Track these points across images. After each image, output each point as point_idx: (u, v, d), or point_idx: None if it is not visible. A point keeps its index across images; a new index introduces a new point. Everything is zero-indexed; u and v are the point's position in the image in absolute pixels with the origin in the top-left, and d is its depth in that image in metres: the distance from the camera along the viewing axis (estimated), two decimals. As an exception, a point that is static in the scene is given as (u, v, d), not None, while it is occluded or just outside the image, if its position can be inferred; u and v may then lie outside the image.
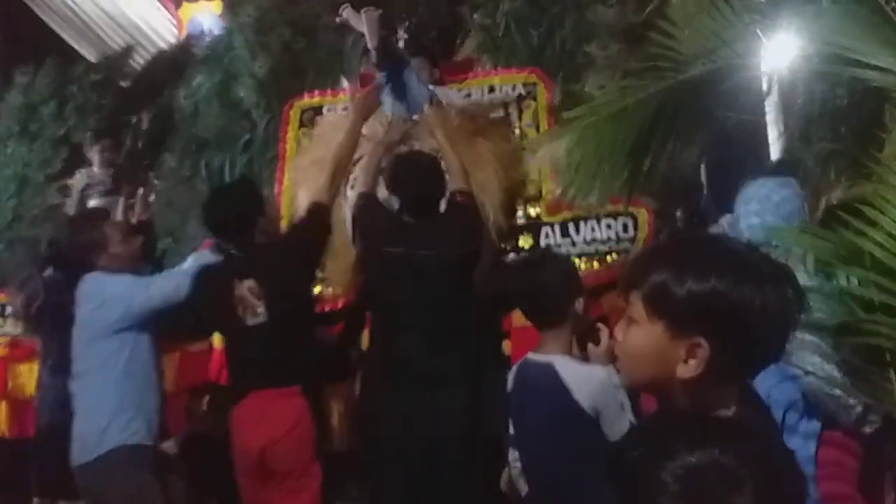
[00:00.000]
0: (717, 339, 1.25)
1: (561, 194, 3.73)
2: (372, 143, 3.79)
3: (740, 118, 3.08)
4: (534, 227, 3.85)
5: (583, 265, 3.63)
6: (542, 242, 3.79)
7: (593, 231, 3.73)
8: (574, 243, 3.74)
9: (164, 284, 3.41)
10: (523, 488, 2.63)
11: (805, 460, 2.35)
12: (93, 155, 5.03)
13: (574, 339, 2.59)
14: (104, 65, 5.83)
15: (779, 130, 3.31)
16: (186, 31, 8.84)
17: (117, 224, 3.87)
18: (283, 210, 4.42)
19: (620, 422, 2.37)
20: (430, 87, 4.05)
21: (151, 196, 4.98)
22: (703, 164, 4.32)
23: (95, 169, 5.01)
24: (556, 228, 3.80)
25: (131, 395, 3.36)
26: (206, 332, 3.79)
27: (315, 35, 4.79)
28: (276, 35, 4.76)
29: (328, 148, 4.04)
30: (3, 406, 4.92)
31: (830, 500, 2.32)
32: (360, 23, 3.89)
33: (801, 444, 2.38)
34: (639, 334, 1.31)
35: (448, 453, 3.20)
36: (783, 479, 1.07)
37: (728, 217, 3.25)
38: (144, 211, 4.43)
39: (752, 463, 1.01)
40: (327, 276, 3.98)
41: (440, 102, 3.98)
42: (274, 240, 3.43)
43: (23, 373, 4.92)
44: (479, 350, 3.36)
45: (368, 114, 3.81)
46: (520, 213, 3.90)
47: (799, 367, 2.14)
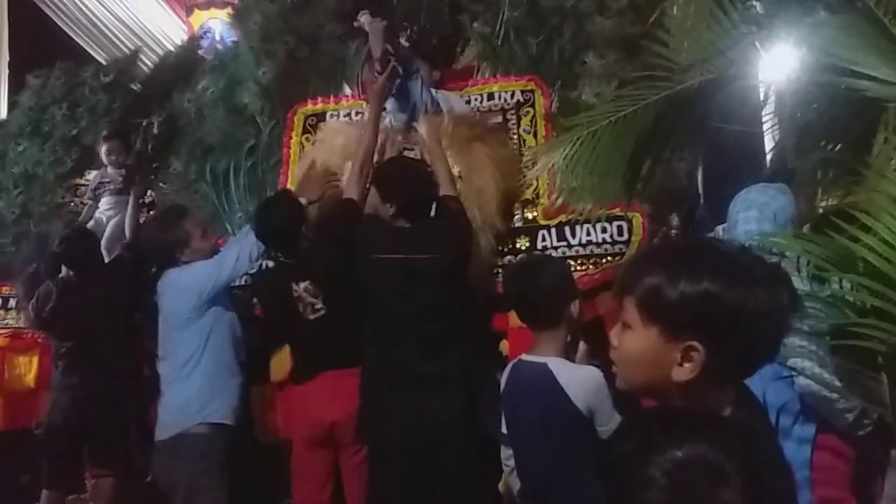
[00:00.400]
0: (712, 342, 1.26)
1: (559, 200, 3.77)
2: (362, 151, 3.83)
3: (737, 128, 3.10)
4: (531, 229, 3.87)
5: (578, 267, 3.66)
6: (539, 244, 3.81)
7: (588, 234, 3.75)
8: (570, 246, 3.77)
9: (229, 260, 3.76)
10: (516, 486, 2.65)
11: (800, 464, 2.37)
12: (102, 155, 5.08)
13: (568, 341, 2.63)
14: (114, 67, 5.86)
15: (775, 140, 3.33)
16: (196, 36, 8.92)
17: (197, 221, 4.15)
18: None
19: (613, 422, 2.39)
20: (434, 93, 4.08)
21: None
22: (699, 174, 4.35)
23: (110, 170, 5.06)
24: (553, 231, 3.82)
25: (213, 376, 3.66)
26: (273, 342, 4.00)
27: (318, 43, 4.83)
28: (281, 43, 4.78)
29: (331, 152, 4.09)
30: (2, 397, 4.90)
31: (825, 505, 2.34)
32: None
33: (796, 448, 2.40)
34: (634, 339, 1.32)
35: (445, 456, 3.20)
36: (771, 476, 1.08)
37: (724, 226, 3.27)
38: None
39: (740, 458, 1.01)
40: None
41: (438, 110, 4.01)
42: (317, 239, 3.64)
43: (21, 364, 4.94)
44: (474, 352, 3.38)
45: (385, 100, 3.98)
46: (517, 216, 3.92)
47: (793, 370, 2.16)
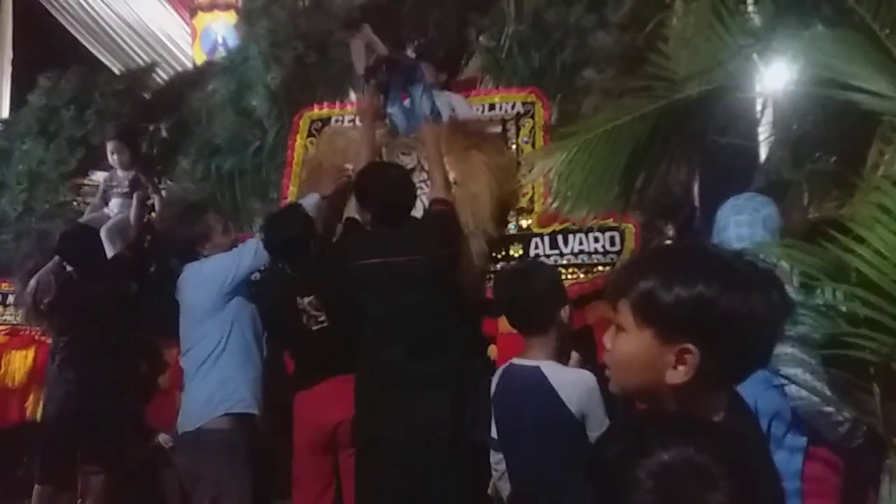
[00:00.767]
0: (706, 345, 1.25)
1: (553, 208, 3.78)
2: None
3: (734, 141, 3.12)
4: (524, 237, 3.88)
5: (569, 276, 3.66)
6: (532, 253, 3.82)
7: (581, 244, 3.77)
8: (562, 254, 3.78)
9: (248, 252, 3.82)
10: (505, 490, 2.65)
11: (791, 474, 2.38)
12: (108, 155, 5.10)
13: (558, 347, 2.63)
14: (127, 76, 5.98)
15: (771, 151, 3.35)
16: (200, 39, 8.94)
17: (218, 217, 4.25)
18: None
19: (604, 427, 2.39)
20: (437, 96, 4.09)
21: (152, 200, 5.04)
22: (695, 185, 4.36)
23: (119, 173, 5.08)
24: (546, 239, 3.83)
25: (237, 367, 3.70)
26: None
27: (326, 49, 4.91)
28: (290, 48, 4.91)
29: (332, 153, 4.14)
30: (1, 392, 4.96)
31: (815, 515, 2.34)
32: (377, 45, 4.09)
33: (788, 457, 2.40)
34: (628, 342, 1.32)
35: (434, 457, 3.21)
36: (760, 481, 1.07)
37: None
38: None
39: (728, 462, 1.01)
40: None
41: (438, 118, 4.03)
42: (322, 255, 3.68)
43: (16, 360, 4.97)
44: (464, 354, 3.39)
45: (375, 118, 4.04)
46: (511, 224, 3.93)
47: (785, 379, 2.17)
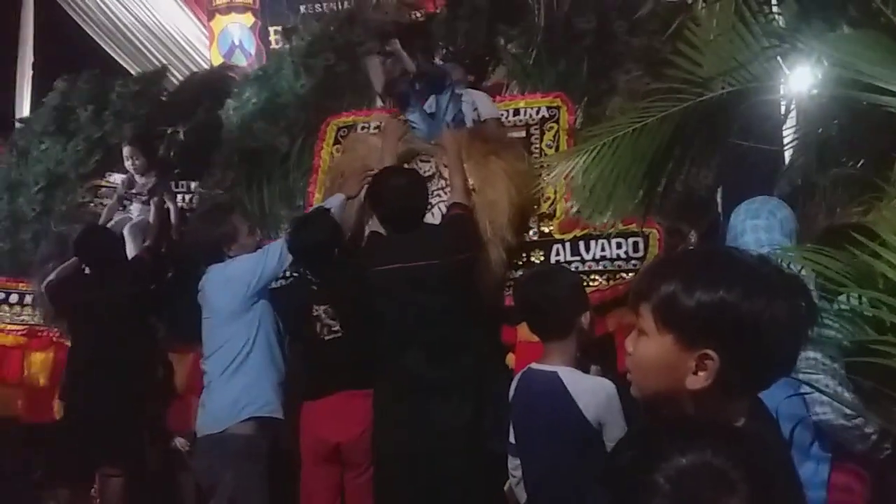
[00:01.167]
0: (727, 351, 1.24)
1: (575, 212, 3.75)
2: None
3: (758, 144, 3.08)
4: (545, 243, 3.84)
5: (591, 283, 3.62)
6: (553, 259, 3.78)
7: (603, 250, 3.72)
8: (584, 260, 3.73)
9: (273, 254, 3.80)
10: (522, 496, 2.63)
11: (818, 485, 2.34)
12: (128, 155, 5.12)
13: (578, 352, 2.61)
14: (144, 78, 6.04)
15: (795, 155, 3.31)
16: (217, 42, 9.01)
17: (244, 218, 4.28)
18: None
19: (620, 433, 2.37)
20: (463, 100, 4.09)
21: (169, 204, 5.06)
22: (719, 190, 4.32)
23: (138, 178, 5.10)
24: (567, 246, 3.79)
25: (263, 370, 3.69)
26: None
27: (356, 59, 4.99)
28: (322, 59, 5.02)
29: (353, 160, 4.15)
30: (21, 393, 5.03)
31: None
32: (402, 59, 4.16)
33: (814, 468, 2.36)
34: (649, 346, 1.31)
35: (450, 463, 3.20)
36: (779, 486, 1.06)
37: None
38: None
39: (746, 467, 1.00)
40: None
41: (461, 125, 4.01)
42: (344, 263, 3.68)
43: (37, 362, 5.02)
44: (481, 361, 3.38)
45: (396, 136, 4.00)
46: (532, 230, 3.90)
47: (809, 386, 2.13)
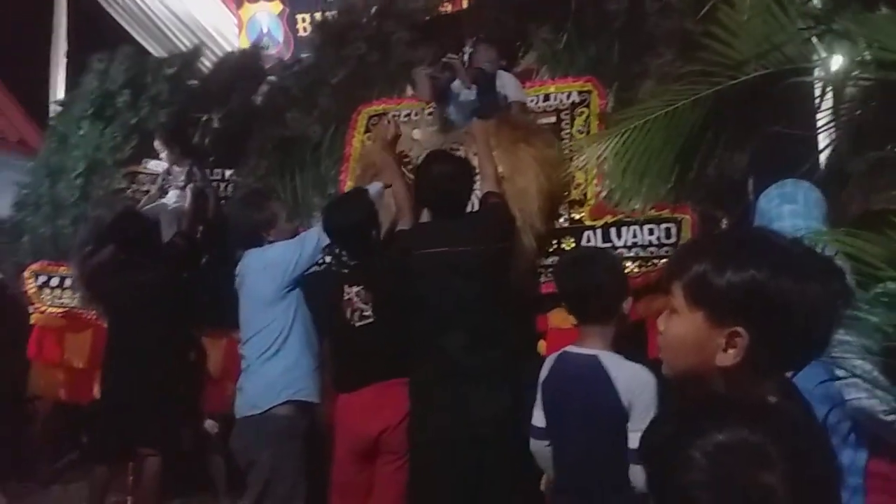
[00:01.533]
0: (756, 330, 1.26)
1: (607, 197, 3.73)
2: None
3: (791, 130, 3.04)
4: (577, 230, 3.83)
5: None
6: (584, 245, 3.76)
7: (635, 236, 3.69)
8: (615, 247, 3.69)
9: (311, 239, 3.81)
10: (552, 475, 2.64)
11: (856, 471, 2.32)
12: (159, 148, 5.19)
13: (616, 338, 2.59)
14: (177, 59, 6.07)
15: (831, 139, 3.26)
16: (246, 29, 9.08)
17: (282, 204, 4.30)
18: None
19: (645, 422, 2.35)
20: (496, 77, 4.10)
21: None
22: (751, 177, 4.26)
23: (174, 167, 5.17)
24: (599, 232, 3.77)
25: (300, 354, 3.73)
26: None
27: (388, 48, 5.02)
28: (354, 48, 5.05)
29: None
30: (60, 373, 5.16)
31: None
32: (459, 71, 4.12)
33: (853, 454, 2.34)
34: (679, 323, 1.34)
35: (488, 451, 3.18)
36: (814, 463, 1.07)
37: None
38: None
39: (782, 442, 1.01)
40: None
41: (493, 111, 4.01)
42: (381, 245, 3.65)
43: (76, 342, 5.13)
44: (516, 347, 3.37)
45: (387, 140, 3.98)
46: (563, 217, 3.89)
47: (845, 371, 2.11)
